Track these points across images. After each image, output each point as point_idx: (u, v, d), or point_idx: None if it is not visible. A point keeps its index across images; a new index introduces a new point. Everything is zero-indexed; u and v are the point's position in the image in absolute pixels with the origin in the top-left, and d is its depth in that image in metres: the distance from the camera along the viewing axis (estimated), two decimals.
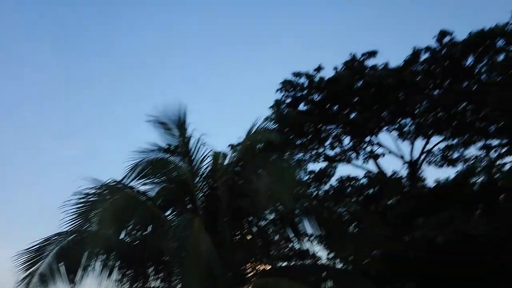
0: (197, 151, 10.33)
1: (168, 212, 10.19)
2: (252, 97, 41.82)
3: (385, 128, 22.44)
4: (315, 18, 40.65)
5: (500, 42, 19.23)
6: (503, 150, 19.47)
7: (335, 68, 22.36)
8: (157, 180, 10.06)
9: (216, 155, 10.39)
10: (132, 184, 9.84)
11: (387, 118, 21.95)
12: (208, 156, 10.37)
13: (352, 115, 22.28)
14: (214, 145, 10.62)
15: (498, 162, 19.44)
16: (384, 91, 20.88)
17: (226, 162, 10.44)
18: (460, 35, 20.69)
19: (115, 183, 9.50)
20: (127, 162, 9.85)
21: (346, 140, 23.14)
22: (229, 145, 20.95)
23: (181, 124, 10.18)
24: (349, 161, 23.45)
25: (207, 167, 10.31)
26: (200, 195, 10.00)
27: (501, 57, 19.11)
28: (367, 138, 22.85)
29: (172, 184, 10.12)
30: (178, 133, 10.17)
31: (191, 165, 10.15)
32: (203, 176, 10.24)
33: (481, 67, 19.96)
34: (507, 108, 16.01)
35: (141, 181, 9.86)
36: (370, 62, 22.12)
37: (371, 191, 22.05)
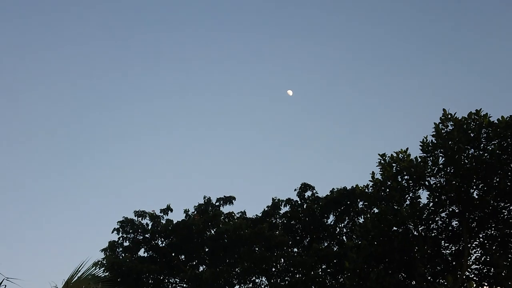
0: None
1: None
2: (86, 234, 37.30)
3: (236, 287, 19.35)
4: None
5: (361, 204, 18.18)
6: None
7: (186, 211, 19.45)
8: None
9: None
10: None
11: (240, 275, 18.99)
12: None
13: (201, 268, 19.03)
14: None
15: None
16: (239, 244, 18.22)
17: None
18: (322, 190, 19.64)
19: None
20: None
21: None
22: None
23: None
24: None
25: None
26: None
27: (361, 220, 17.94)
28: None
29: None
30: None
31: None
32: None
33: (342, 227, 18.58)
34: (364, 277, 14.60)
35: None
36: (226, 209, 19.79)
37: None
